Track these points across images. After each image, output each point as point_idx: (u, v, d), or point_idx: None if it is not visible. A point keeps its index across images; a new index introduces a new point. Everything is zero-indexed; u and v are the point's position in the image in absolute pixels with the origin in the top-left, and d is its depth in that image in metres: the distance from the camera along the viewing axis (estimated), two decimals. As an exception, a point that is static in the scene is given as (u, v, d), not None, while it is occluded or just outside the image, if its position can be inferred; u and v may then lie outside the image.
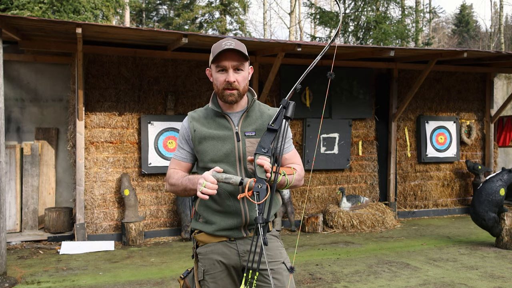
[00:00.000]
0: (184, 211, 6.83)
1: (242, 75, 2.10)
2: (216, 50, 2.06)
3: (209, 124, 2.17)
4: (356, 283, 4.76)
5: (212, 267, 2.14)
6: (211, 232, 2.14)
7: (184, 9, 25.46)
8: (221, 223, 2.12)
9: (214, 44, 2.12)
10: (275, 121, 2.01)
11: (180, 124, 7.05)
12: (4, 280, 4.81)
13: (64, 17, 11.96)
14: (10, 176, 6.81)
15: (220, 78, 2.09)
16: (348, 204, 7.69)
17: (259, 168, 1.91)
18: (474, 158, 9.25)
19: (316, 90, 7.77)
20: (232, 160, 2.11)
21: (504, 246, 6.16)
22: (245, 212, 2.10)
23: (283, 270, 2.13)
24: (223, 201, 2.10)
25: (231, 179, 1.96)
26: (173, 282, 4.85)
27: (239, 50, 2.04)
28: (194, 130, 2.17)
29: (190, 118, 2.23)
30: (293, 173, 2.13)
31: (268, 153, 1.95)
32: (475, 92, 9.23)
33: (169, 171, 2.25)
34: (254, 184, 1.89)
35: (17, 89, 7.05)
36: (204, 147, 2.14)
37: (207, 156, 2.13)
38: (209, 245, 2.16)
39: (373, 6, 13.54)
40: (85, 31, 5.66)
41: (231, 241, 2.14)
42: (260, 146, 1.97)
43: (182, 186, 2.13)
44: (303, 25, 30.16)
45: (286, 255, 2.21)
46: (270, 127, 2.00)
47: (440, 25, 36.79)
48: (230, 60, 2.05)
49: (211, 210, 2.14)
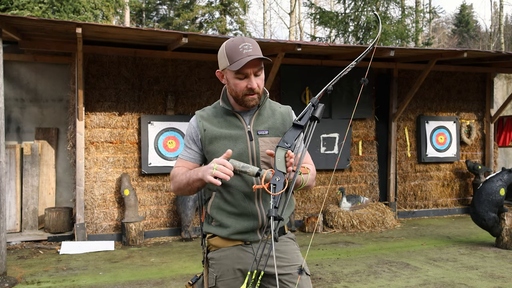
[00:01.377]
0: (184, 211, 6.83)
1: (261, 77, 2.03)
2: (236, 56, 1.94)
3: (220, 123, 2.07)
4: (356, 283, 4.76)
5: (226, 274, 2.03)
6: (226, 235, 2.02)
7: (184, 9, 25.45)
8: (237, 226, 2.01)
9: (228, 46, 1.99)
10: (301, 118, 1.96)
11: (180, 124, 7.06)
12: (4, 280, 4.81)
13: (64, 17, 11.96)
14: (10, 176, 6.81)
15: (241, 84, 1.98)
16: (348, 204, 7.69)
17: (279, 161, 1.84)
18: (474, 158, 9.25)
19: (317, 90, 7.77)
20: (245, 160, 2.01)
21: (504, 246, 6.16)
22: (262, 213, 2.01)
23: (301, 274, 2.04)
24: (238, 202, 2.00)
25: (248, 168, 1.86)
26: (173, 282, 4.85)
27: (261, 57, 1.96)
28: (204, 129, 2.06)
29: (199, 117, 2.10)
30: (307, 173, 2.06)
31: (291, 148, 1.89)
32: (475, 92, 9.23)
33: (174, 170, 2.12)
34: (272, 176, 1.82)
35: (17, 89, 7.05)
36: (215, 147, 2.04)
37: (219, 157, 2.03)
38: (223, 249, 2.05)
39: (373, 6, 13.54)
40: (85, 31, 5.66)
41: (246, 244, 2.04)
42: (284, 141, 1.90)
43: (186, 178, 2.00)
44: (303, 25, 30.15)
45: (303, 258, 2.11)
46: (297, 123, 1.95)
47: (440, 25, 36.80)
48: (251, 67, 1.96)
49: (225, 213, 2.03)
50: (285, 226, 2.14)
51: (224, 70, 2.03)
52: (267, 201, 2.04)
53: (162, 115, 7.08)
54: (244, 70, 1.95)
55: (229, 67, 1.97)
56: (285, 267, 2.03)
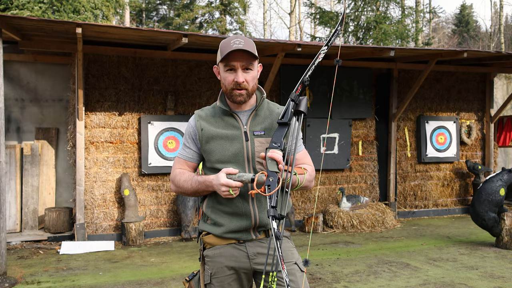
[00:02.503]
0: (184, 211, 6.83)
1: (251, 74, 2.05)
2: (225, 49, 2.00)
3: (217, 123, 2.11)
4: (356, 283, 4.76)
5: (220, 271, 2.08)
6: (219, 234, 2.08)
7: (184, 9, 25.45)
8: (230, 225, 2.06)
9: (223, 41, 2.06)
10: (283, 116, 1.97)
11: (180, 124, 7.06)
12: (4, 280, 4.81)
13: (64, 17, 11.96)
14: (10, 176, 6.81)
15: (229, 77, 2.03)
16: (348, 204, 7.69)
17: (270, 162, 1.86)
18: (474, 158, 9.25)
19: (316, 90, 7.78)
20: (240, 160, 2.05)
21: (504, 246, 6.16)
22: (255, 213, 2.05)
23: (296, 271, 2.08)
24: (232, 202, 2.04)
25: (243, 176, 1.91)
26: (173, 282, 4.85)
27: (248, 50, 1.99)
28: (202, 129, 2.10)
29: (197, 117, 2.15)
30: (304, 173, 2.08)
31: (280, 147, 1.91)
32: (475, 92, 9.23)
33: (175, 172, 2.17)
34: (266, 178, 1.84)
35: (17, 89, 7.05)
36: (211, 147, 2.08)
37: (215, 156, 2.07)
38: (217, 247, 2.10)
39: (373, 6, 13.53)
40: (85, 31, 5.66)
41: (240, 243, 2.08)
42: (273, 141, 1.93)
43: (192, 188, 2.08)
44: (303, 25, 30.16)
45: (298, 256, 2.16)
46: (280, 121, 1.97)
47: (440, 25, 36.79)
48: (239, 60, 2.00)
49: (219, 212, 2.08)
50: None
51: (218, 65, 2.09)
52: (261, 201, 2.07)
53: (162, 115, 7.07)
54: (230, 62, 2.00)
55: (219, 59, 2.04)
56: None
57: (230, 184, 1.92)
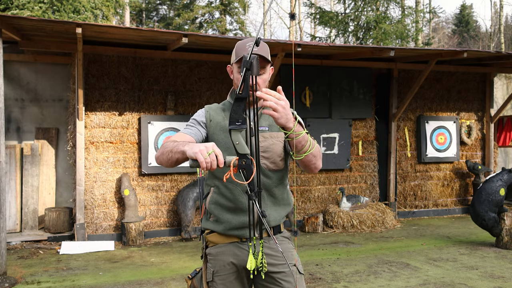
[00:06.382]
0: (184, 211, 6.83)
1: (263, 78, 2.10)
2: (240, 51, 2.05)
3: (225, 117, 2.17)
4: (356, 283, 4.76)
5: (222, 269, 2.11)
6: (221, 231, 2.11)
7: (184, 9, 25.46)
8: (232, 221, 2.08)
9: (239, 42, 2.11)
10: (241, 89, 1.80)
11: (180, 124, 7.06)
12: (4, 280, 4.81)
13: (64, 17, 11.96)
14: (10, 176, 6.81)
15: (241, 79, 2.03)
16: (348, 204, 7.69)
17: (239, 145, 1.77)
18: (474, 158, 9.25)
19: (316, 90, 7.78)
20: None
21: (504, 246, 6.16)
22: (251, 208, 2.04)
23: (294, 273, 2.10)
24: (236, 197, 2.07)
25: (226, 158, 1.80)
26: (173, 282, 4.85)
27: (262, 55, 2.02)
28: (210, 120, 2.17)
29: (207, 108, 2.22)
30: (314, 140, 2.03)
31: (243, 124, 1.79)
32: (475, 92, 9.23)
33: (167, 140, 2.08)
34: (238, 162, 1.76)
35: (17, 89, 7.05)
36: (217, 138, 2.13)
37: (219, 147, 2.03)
38: (220, 246, 2.13)
39: (373, 6, 13.53)
40: (85, 31, 5.66)
41: (242, 242, 2.11)
42: (232, 121, 1.78)
43: (172, 146, 1.93)
44: (303, 25, 30.14)
45: (298, 258, 2.18)
46: (239, 96, 1.79)
47: (440, 25, 36.79)
48: None
49: (222, 208, 2.11)
50: (281, 225, 2.20)
51: (232, 65, 2.15)
52: (264, 197, 2.10)
53: (162, 115, 7.08)
54: None
55: (234, 61, 2.09)
56: (278, 265, 2.08)
57: (211, 148, 1.74)
